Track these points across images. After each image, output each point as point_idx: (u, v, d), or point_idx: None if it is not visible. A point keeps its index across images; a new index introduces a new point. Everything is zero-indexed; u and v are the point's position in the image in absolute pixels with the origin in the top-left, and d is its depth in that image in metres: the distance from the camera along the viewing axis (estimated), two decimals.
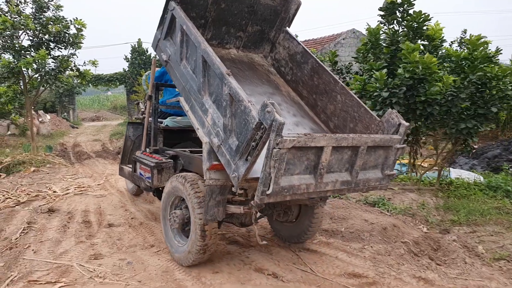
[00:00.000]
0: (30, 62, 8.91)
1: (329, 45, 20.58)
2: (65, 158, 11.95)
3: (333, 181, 3.32)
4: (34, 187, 7.46)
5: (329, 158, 3.19)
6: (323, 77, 4.57)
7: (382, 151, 3.60)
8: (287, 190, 3.01)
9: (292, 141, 2.86)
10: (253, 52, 5.37)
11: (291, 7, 5.06)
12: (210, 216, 3.62)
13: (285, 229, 4.86)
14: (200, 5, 4.62)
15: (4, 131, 16.08)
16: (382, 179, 3.71)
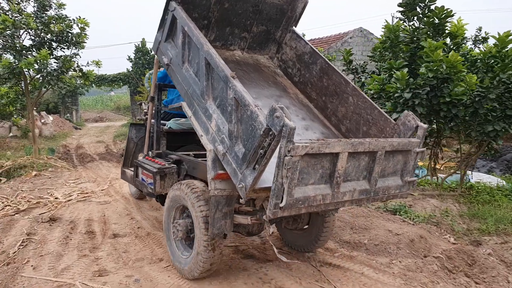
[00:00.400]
0: (32, 62, 8.58)
1: (336, 44, 20.19)
2: (68, 161, 11.63)
3: (351, 191, 3.08)
4: (35, 193, 7.13)
5: (346, 165, 2.97)
6: (333, 78, 4.35)
7: (401, 156, 3.36)
8: (302, 202, 2.77)
9: (305, 148, 2.63)
10: (259, 53, 5.17)
11: (298, 6, 4.83)
12: (217, 230, 3.37)
13: (295, 236, 4.64)
14: (203, 5, 4.42)
15: (6, 133, 15.78)
16: (402, 187, 3.47)
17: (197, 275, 3.67)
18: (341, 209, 5.99)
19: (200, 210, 3.48)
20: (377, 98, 6.46)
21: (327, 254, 4.51)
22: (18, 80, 9.56)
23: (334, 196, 2.97)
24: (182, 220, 3.90)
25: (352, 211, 5.83)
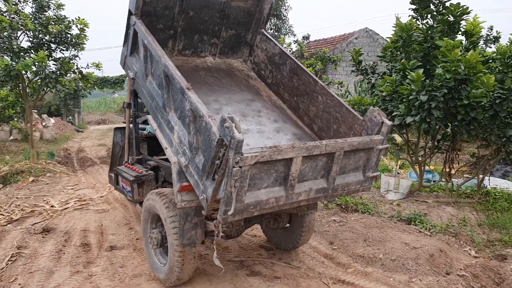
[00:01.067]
0: (29, 64, 8.29)
1: (341, 45, 19.84)
2: (68, 165, 11.34)
3: (307, 190, 3.13)
4: (30, 201, 6.83)
5: (301, 168, 3.00)
6: (303, 78, 4.34)
7: (363, 153, 3.39)
8: (254, 206, 2.84)
9: (255, 157, 2.65)
10: (232, 57, 5.18)
11: (265, 7, 4.84)
12: (187, 240, 3.41)
13: (277, 235, 4.74)
14: (166, 16, 4.43)
15: (6, 137, 15.53)
16: (364, 182, 3.52)
17: (172, 283, 3.71)
18: (353, 219, 5.65)
19: (170, 221, 3.48)
20: (389, 100, 6.11)
21: (340, 270, 4.17)
22: (16, 82, 9.27)
23: (289, 197, 3.02)
24: (156, 229, 3.92)
25: (364, 221, 5.48)
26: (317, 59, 17.03)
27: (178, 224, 3.41)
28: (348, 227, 5.27)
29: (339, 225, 5.42)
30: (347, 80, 18.84)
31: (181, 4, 4.43)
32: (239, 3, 4.75)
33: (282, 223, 4.35)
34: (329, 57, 17.08)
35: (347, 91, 17.61)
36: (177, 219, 3.43)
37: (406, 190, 6.52)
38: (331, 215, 5.92)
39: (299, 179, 3.05)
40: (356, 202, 6.27)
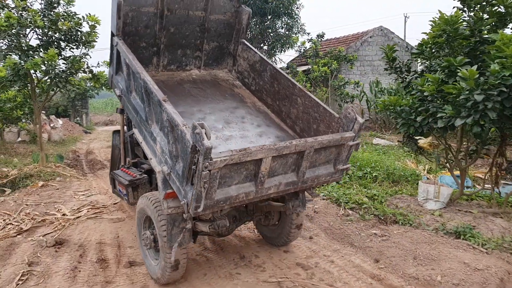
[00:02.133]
0: (38, 63, 7.85)
1: (355, 44, 19.28)
2: (78, 168, 10.91)
3: (276, 184, 3.35)
4: (41, 209, 6.37)
5: (270, 166, 3.19)
6: (282, 82, 4.52)
7: (334, 148, 3.58)
8: (224, 201, 3.08)
9: (224, 161, 2.84)
10: (217, 68, 5.41)
11: (243, 17, 5.06)
12: (177, 243, 3.55)
13: (269, 232, 4.91)
14: (148, 34, 4.69)
15: (15, 138, 15.15)
16: (334, 173, 3.74)
17: (165, 282, 3.87)
18: (395, 232, 5.12)
19: (160, 225, 3.63)
20: (430, 100, 5.58)
21: None
22: (25, 82, 8.85)
23: (258, 192, 3.23)
24: (148, 231, 4.05)
25: (408, 235, 4.96)
26: (331, 58, 16.50)
27: (166, 228, 3.58)
28: (393, 242, 4.75)
29: (382, 239, 4.90)
30: (362, 79, 18.29)
31: (161, 21, 4.67)
32: (218, 16, 5.00)
33: (272, 220, 4.64)
34: (344, 56, 16.53)
35: (362, 91, 17.07)
36: (165, 223, 3.58)
37: (447, 198, 5.98)
38: (369, 227, 5.40)
39: (269, 175, 3.26)
40: (394, 212, 5.74)
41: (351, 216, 5.85)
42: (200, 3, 4.84)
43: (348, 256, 4.54)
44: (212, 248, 4.83)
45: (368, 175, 8.21)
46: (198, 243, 4.98)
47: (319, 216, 5.84)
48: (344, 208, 6.07)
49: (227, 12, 5.06)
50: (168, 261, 3.65)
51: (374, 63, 19.94)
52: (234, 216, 4.28)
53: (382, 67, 21.12)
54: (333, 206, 6.22)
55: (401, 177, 8.13)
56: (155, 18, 4.64)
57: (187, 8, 4.80)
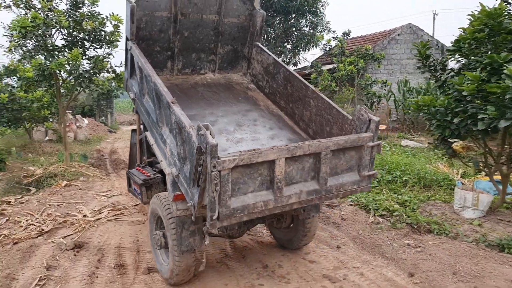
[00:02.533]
0: (63, 63, 7.86)
1: (382, 42, 18.71)
2: (101, 167, 10.95)
3: (297, 193, 3.17)
4: (63, 209, 6.33)
5: (286, 170, 3.06)
6: (295, 84, 4.48)
7: (353, 152, 3.44)
8: (241, 210, 2.90)
9: (233, 161, 2.76)
10: (231, 72, 5.40)
11: (257, 20, 5.05)
12: (186, 247, 3.56)
13: (282, 234, 4.82)
14: (162, 38, 4.74)
15: (42, 137, 15.45)
16: (361, 181, 3.52)
17: (173, 283, 3.84)
18: (430, 243, 4.76)
19: (170, 227, 3.59)
20: (469, 101, 5.17)
21: None
22: (50, 82, 8.90)
23: (278, 200, 3.05)
24: (159, 231, 4.03)
25: (446, 246, 4.59)
26: (358, 56, 16.02)
27: (176, 231, 3.54)
28: (429, 255, 4.40)
29: (416, 251, 4.55)
30: (389, 79, 17.70)
31: (175, 26, 4.70)
32: (231, 19, 4.98)
33: (285, 223, 4.49)
34: (372, 54, 16.02)
35: (390, 91, 16.51)
36: (175, 225, 3.54)
37: (486, 207, 5.55)
38: (402, 236, 5.06)
39: (286, 182, 3.11)
40: (428, 220, 5.36)
41: (382, 224, 5.51)
42: (214, 7, 4.84)
43: (379, 268, 4.22)
44: (233, 256, 4.61)
45: (398, 179, 7.81)
46: (219, 249, 4.78)
47: (347, 223, 5.53)
48: (374, 215, 5.73)
49: (241, 15, 5.04)
50: (177, 264, 3.64)
51: (402, 62, 19.31)
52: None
53: (410, 66, 20.47)
54: (362, 212, 5.89)
55: (433, 182, 7.69)
56: (169, 23, 4.68)
57: (200, 12, 4.80)
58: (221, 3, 4.84)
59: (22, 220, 5.72)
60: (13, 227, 5.55)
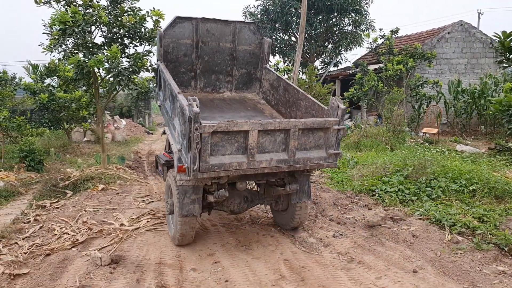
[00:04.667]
0: (101, 60, 7.49)
1: (430, 41, 17.46)
2: (139, 170, 10.60)
3: (268, 160, 3.95)
4: (98, 216, 5.88)
5: (259, 140, 3.85)
6: (290, 91, 5.23)
7: (322, 132, 4.17)
8: (218, 167, 3.75)
9: (212, 127, 3.60)
10: (247, 92, 6.17)
11: (265, 47, 5.93)
12: (186, 212, 4.29)
13: (279, 216, 5.39)
14: (186, 61, 5.69)
15: (81, 138, 15.44)
16: (328, 158, 4.24)
17: (177, 243, 4.64)
18: None
19: (176, 195, 4.37)
20: None
21: None
22: (88, 81, 8.60)
23: (250, 163, 3.87)
24: (170, 199, 4.89)
25: None
26: (407, 55, 14.95)
27: (178, 198, 4.26)
28: None
29: None
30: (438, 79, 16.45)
31: (196, 51, 5.66)
32: (244, 47, 5.86)
33: (281, 206, 5.15)
34: (422, 53, 14.90)
35: (440, 92, 15.31)
36: (178, 193, 4.27)
37: None
38: (491, 261, 4.19)
39: (259, 149, 3.86)
40: None
41: (462, 243, 4.65)
42: (229, 36, 5.76)
43: None
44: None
45: (464, 188, 6.86)
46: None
47: (420, 241, 4.70)
48: (451, 233, 4.87)
49: (252, 43, 5.93)
50: (179, 226, 4.42)
51: (452, 62, 17.99)
52: (245, 196, 4.90)
53: (461, 66, 19.05)
54: (434, 228, 5.03)
55: (505, 192, 6.69)
56: (192, 49, 5.66)
57: (218, 40, 5.74)
58: (234, 33, 5.76)
59: (56, 228, 5.30)
60: (46, 235, 5.14)
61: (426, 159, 7.98)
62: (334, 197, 6.59)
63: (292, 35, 20.77)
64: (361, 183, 7.15)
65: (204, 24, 5.63)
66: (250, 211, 6.10)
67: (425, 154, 9.33)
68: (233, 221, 5.71)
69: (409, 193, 6.53)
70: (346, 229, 5.23)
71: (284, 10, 18.81)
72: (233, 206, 4.79)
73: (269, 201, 5.13)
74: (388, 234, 4.92)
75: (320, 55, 21.59)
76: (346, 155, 9.52)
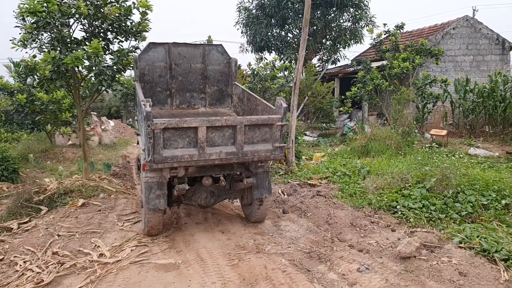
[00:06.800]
0: (80, 57, 6.49)
1: (434, 37, 16.68)
2: (126, 177, 9.63)
3: (217, 152, 4.48)
4: (73, 244, 4.93)
5: (207, 135, 4.37)
6: (251, 99, 5.89)
7: (267, 128, 4.68)
8: (171, 159, 4.29)
9: (163, 124, 4.15)
10: (220, 106, 6.74)
11: (232, 66, 6.63)
12: (152, 206, 4.74)
13: (246, 210, 5.85)
14: (162, 81, 6.38)
15: (65, 142, 14.36)
16: (274, 151, 4.76)
17: (146, 233, 5.13)
18: None
19: (143, 190, 4.89)
20: None
21: None
22: (67, 81, 7.61)
23: (201, 155, 4.40)
24: (142, 195, 5.18)
25: None
26: (412, 52, 14.11)
27: (145, 193, 4.76)
28: None
29: None
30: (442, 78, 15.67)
31: (170, 72, 6.28)
32: (214, 66, 6.48)
33: (246, 201, 5.62)
34: (429, 50, 14.07)
35: (446, 91, 14.52)
36: (144, 188, 4.77)
37: None
38: None
39: (209, 143, 4.44)
40: None
41: None
42: (199, 58, 6.43)
43: None
44: None
45: (496, 204, 6.01)
46: None
47: (470, 282, 3.80)
48: (507, 269, 3.99)
49: (221, 63, 6.56)
50: (147, 219, 4.86)
51: (457, 59, 17.24)
52: (211, 191, 5.38)
53: (467, 63, 18.25)
54: (482, 261, 4.15)
55: None
56: (166, 70, 6.27)
57: (189, 62, 6.39)
58: (204, 55, 6.43)
59: (19, 262, 4.34)
60: (6, 272, 4.18)
61: (446, 167, 7.13)
62: (350, 215, 5.71)
63: (289, 31, 19.85)
64: (379, 197, 6.27)
65: (175, 48, 6.29)
66: (252, 235, 5.20)
67: (442, 161, 8.49)
68: (235, 248, 4.79)
69: (435, 210, 5.67)
70: (372, 260, 4.33)
71: (281, 4, 17.87)
72: (200, 200, 5.31)
73: (235, 196, 5.68)
74: (426, 270, 4.03)
75: (318, 52, 20.72)
76: (356, 162, 8.64)
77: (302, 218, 5.83)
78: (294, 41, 19.72)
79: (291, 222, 5.67)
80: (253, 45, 19.84)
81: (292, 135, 8.99)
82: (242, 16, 19.80)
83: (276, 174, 8.63)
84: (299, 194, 6.95)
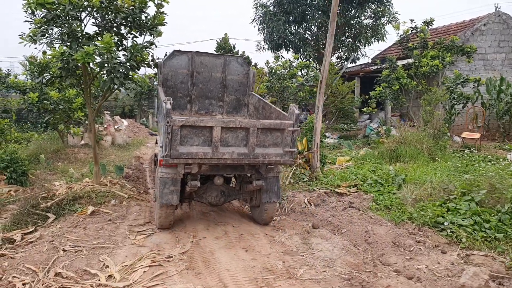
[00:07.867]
0: (91, 52, 5.96)
1: (463, 34, 15.77)
2: (139, 181, 9.12)
3: (230, 152, 4.64)
4: (80, 262, 4.37)
5: (222, 135, 4.55)
6: (266, 108, 6.22)
7: (278, 133, 4.81)
8: (186, 155, 4.50)
9: (181, 121, 4.37)
10: (236, 115, 7.09)
11: (250, 76, 6.96)
12: (165, 201, 4.95)
13: (254, 212, 6.04)
14: (183, 88, 6.73)
15: (77, 141, 13.96)
16: (284, 155, 4.88)
17: (158, 226, 5.37)
18: None
19: (157, 185, 5.15)
20: None
21: None
22: (77, 79, 7.10)
23: (214, 154, 4.57)
24: (156, 190, 5.49)
25: None
26: (441, 49, 13.27)
27: (159, 188, 4.97)
28: None
29: None
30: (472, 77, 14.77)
31: (192, 79, 6.75)
32: (233, 76, 6.93)
33: (254, 202, 5.83)
34: (461, 47, 13.20)
35: (477, 91, 13.64)
36: (159, 183, 4.99)
37: None
38: None
39: (222, 143, 4.60)
40: None
41: None
42: (220, 68, 6.75)
43: None
44: None
45: None
46: None
47: None
48: None
49: (240, 74, 6.86)
50: (159, 213, 5.15)
51: (488, 57, 16.31)
52: (222, 191, 5.62)
53: (498, 61, 17.23)
54: None
55: None
56: (188, 77, 6.65)
57: (210, 71, 6.74)
58: (224, 65, 6.73)
59: (18, 285, 3.79)
60: None
61: (492, 176, 6.38)
62: (391, 232, 5.03)
63: (307, 28, 19.13)
64: (422, 211, 5.56)
65: (198, 57, 6.63)
66: (280, 255, 4.56)
67: (485, 168, 7.72)
68: (262, 272, 4.16)
69: (490, 228, 4.95)
70: None
71: (300, 0, 17.17)
72: (211, 198, 5.55)
73: (244, 197, 5.94)
74: None
75: (337, 50, 19.94)
76: (388, 169, 7.92)
77: (336, 234, 5.17)
78: (313, 38, 19.00)
79: (323, 239, 5.02)
80: (270, 42, 19.18)
81: (317, 138, 8.32)
82: (259, 13, 19.15)
83: (300, 180, 7.97)
84: (328, 205, 6.29)
